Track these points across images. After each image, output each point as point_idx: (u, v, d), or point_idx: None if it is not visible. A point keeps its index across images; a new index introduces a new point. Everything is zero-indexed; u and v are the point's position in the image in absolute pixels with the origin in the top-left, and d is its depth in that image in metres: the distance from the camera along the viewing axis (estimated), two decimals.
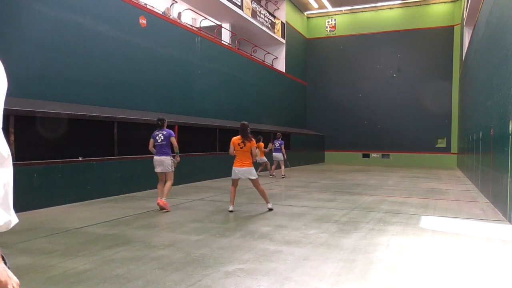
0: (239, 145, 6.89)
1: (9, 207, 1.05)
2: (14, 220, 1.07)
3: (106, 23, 9.94)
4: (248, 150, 6.89)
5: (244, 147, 6.87)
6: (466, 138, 15.15)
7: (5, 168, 1.05)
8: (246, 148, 6.87)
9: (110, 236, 5.11)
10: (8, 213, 1.03)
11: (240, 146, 6.89)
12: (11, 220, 1.05)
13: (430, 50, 22.91)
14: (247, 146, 6.86)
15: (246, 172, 6.94)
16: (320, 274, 3.64)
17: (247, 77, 17.76)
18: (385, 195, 9.21)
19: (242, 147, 6.87)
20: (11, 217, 1.04)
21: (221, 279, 3.49)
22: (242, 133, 6.93)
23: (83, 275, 3.58)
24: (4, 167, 1.05)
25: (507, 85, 6.54)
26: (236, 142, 6.92)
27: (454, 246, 4.73)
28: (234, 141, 6.94)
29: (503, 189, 6.62)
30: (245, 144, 6.86)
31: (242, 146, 6.87)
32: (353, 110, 24.49)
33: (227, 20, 18.42)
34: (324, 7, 24.48)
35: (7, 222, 1.03)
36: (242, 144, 6.87)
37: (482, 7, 10.94)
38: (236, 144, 6.92)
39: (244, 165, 6.93)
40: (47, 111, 7.47)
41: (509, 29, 6.58)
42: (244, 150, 6.89)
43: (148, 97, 11.46)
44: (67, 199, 7.68)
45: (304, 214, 6.73)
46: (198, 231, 5.42)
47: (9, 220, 1.04)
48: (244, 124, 6.95)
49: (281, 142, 13.85)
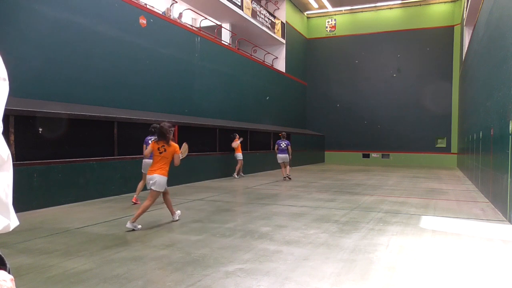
0: (159, 149, 5.88)
1: (8, 210, 1.04)
2: (14, 223, 1.07)
3: (106, 23, 9.93)
4: (169, 157, 5.89)
5: (164, 152, 5.87)
6: (466, 138, 15.15)
7: (5, 171, 1.05)
8: (166, 154, 5.87)
9: (110, 236, 5.11)
10: (7, 217, 1.03)
11: (159, 151, 5.88)
12: (10, 224, 1.05)
13: (430, 50, 22.91)
14: (168, 151, 5.87)
15: (153, 179, 5.79)
16: (320, 274, 3.64)
17: (247, 77, 17.76)
18: (385, 195, 9.21)
19: (162, 152, 5.87)
20: (10, 220, 1.04)
21: (221, 279, 3.49)
22: (161, 136, 5.90)
23: (83, 275, 3.58)
24: (4, 170, 1.04)
25: (507, 85, 6.54)
26: (155, 146, 5.92)
27: (454, 246, 4.73)
28: (154, 145, 5.96)
29: (503, 189, 6.63)
30: (165, 150, 5.86)
31: (162, 151, 5.87)
32: (353, 110, 24.50)
33: (227, 20, 18.42)
34: (324, 7, 24.49)
35: (6, 226, 1.03)
36: (162, 149, 5.87)
37: (482, 7, 10.94)
38: (156, 148, 5.91)
39: (154, 172, 5.80)
40: (47, 111, 7.47)
41: (509, 29, 6.58)
42: (163, 156, 5.87)
43: (148, 97, 11.46)
44: (67, 199, 7.68)
45: (304, 214, 6.73)
46: (198, 231, 5.42)
47: (8, 224, 1.03)
48: (163, 127, 5.91)
49: (288, 142, 13.20)
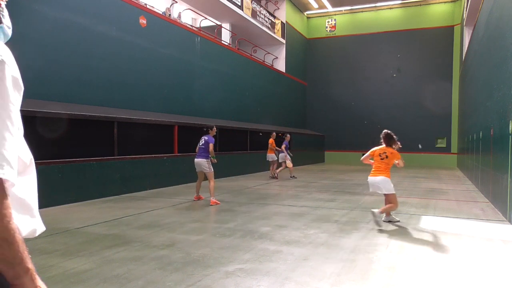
0: (380, 155, 6.08)
1: (33, 214, 1.03)
2: (41, 228, 1.04)
3: (106, 23, 9.93)
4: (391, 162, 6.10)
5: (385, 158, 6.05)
6: (466, 138, 15.15)
7: (27, 175, 1.03)
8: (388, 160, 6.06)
9: (110, 236, 5.11)
10: (32, 221, 1.02)
11: (381, 157, 6.07)
12: (36, 229, 1.03)
13: (430, 50, 22.91)
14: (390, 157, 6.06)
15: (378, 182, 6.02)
16: (320, 274, 3.64)
17: (247, 77, 17.76)
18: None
19: (383, 159, 6.07)
20: (36, 225, 1.02)
21: (221, 279, 3.49)
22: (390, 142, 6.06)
23: (83, 275, 3.58)
24: (26, 174, 1.02)
25: (507, 85, 6.54)
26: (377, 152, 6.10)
27: (454, 246, 4.73)
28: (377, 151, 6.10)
29: (503, 189, 6.62)
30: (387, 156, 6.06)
31: (383, 158, 6.07)
32: (353, 110, 24.50)
33: (227, 20, 18.42)
34: (324, 7, 24.48)
35: (32, 230, 1.02)
36: (383, 155, 6.07)
37: (482, 7, 10.94)
38: (377, 154, 6.10)
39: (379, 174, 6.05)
40: (47, 111, 7.47)
41: (509, 29, 6.58)
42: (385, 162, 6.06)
43: (148, 97, 11.46)
44: (67, 199, 7.67)
45: (304, 214, 6.73)
46: (198, 231, 5.41)
47: (34, 229, 1.02)
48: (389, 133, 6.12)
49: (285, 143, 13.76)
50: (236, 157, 14.46)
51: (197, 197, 8.25)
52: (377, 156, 6.09)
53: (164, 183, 10.49)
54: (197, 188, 8.24)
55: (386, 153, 6.04)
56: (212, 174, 7.86)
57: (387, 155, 6.03)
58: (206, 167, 7.77)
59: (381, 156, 6.05)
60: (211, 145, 7.76)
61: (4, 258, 0.84)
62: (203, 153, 7.82)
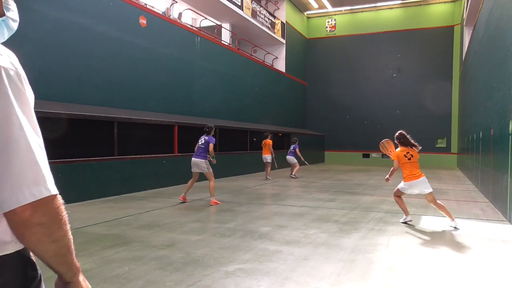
0: (406, 156, 6.00)
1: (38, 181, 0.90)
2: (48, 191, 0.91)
3: (106, 23, 9.93)
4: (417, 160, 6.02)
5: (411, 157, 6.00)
6: (466, 138, 15.15)
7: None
8: (414, 158, 6.00)
9: (110, 236, 5.11)
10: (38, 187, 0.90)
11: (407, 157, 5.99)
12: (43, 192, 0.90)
13: (430, 50, 22.90)
14: (415, 156, 6.03)
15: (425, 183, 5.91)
16: (320, 274, 3.64)
17: (247, 77, 17.76)
18: (385, 195, 9.20)
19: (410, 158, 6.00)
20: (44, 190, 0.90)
21: (221, 279, 3.49)
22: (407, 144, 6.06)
23: (83, 275, 3.57)
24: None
25: (507, 85, 6.54)
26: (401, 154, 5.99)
27: (454, 246, 4.73)
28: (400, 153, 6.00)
29: (503, 189, 6.62)
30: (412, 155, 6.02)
31: (409, 157, 6.01)
32: (353, 110, 24.49)
33: (227, 20, 18.42)
34: (324, 7, 24.48)
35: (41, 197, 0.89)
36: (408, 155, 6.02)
37: (482, 7, 10.94)
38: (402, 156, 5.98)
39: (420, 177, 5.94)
40: (47, 111, 7.47)
41: (509, 29, 6.58)
42: (412, 161, 5.97)
43: (148, 97, 11.46)
44: (67, 199, 7.63)
45: (304, 214, 6.73)
46: (198, 231, 5.41)
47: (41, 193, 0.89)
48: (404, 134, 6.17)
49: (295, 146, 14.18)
50: (236, 157, 14.46)
51: (183, 197, 7.93)
52: (403, 158, 5.94)
53: (164, 183, 10.49)
54: (187, 188, 7.98)
55: (410, 152, 5.97)
56: (212, 174, 7.74)
57: (412, 154, 5.97)
58: (204, 167, 7.65)
59: (407, 156, 5.95)
60: (211, 145, 7.61)
61: (66, 261, 0.99)
62: (202, 153, 7.66)
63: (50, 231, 0.91)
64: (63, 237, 0.94)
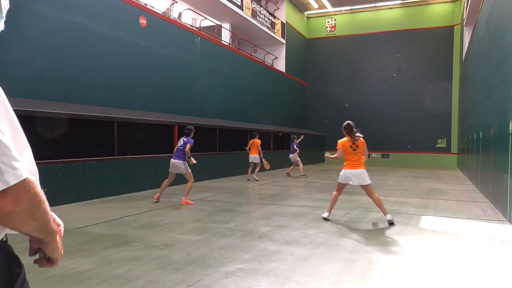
0: (351, 147, 6.14)
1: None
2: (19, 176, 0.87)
3: (106, 23, 9.93)
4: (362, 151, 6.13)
5: (356, 148, 6.14)
6: (466, 138, 15.15)
7: None
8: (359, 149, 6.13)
9: (110, 236, 5.11)
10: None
11: (352, 148, 6.13)
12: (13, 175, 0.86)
13: (430, 50, 22.90)
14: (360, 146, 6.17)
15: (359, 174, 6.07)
16: (320, 274, 3.64)
17: (247, 77, 17.76)
18: (385, 195, 9.21)
19: (355, 149, 6.14)
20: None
21: (221, 279, 3.49)
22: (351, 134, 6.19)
23: (83, 275, 3.58)
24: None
25: (507, 85, 6.54)
26: (347, 144, 6.17)
27: (454, 246, 4.73)
28: (345, 143, 6.20)
29: (503, 189, 6.62)
30: (357, 146, 6.15)
31: (354, 148, 6.14)
32: (353, 110, 24.48)
33: (227, 20, 18.42)
34: (324, 7, 24.48)
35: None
36: (354, 146, 6.15)
37: (482, 7, 10.94)
38: (348, 146, 6.16)
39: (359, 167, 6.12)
40: (47, 111, 7.47)
41: (509, 29, 6.58)
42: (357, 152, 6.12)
43: (148, 97, 11.46)
44: (67, 199, 7.67)
45: (304, 214, 6.73)
46: (198, 231, 5.42)
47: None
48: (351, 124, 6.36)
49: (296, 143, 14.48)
50: (236, 157, 14.45)
51: (158, 196, 7.96)
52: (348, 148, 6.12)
53: None
54: (163, 188, 8.01)
55: (356, 143, 6.13)
56: (191, 175, 7.80)
57: (358, 145, 6.12)
58: (182, 168, 7.71)
59: (352, 147, 6.12)
60: (188, 145, 7.68)
61: (45, 230, 1.01)
62: (181, 154, 7.72)
63: (31, 213, 0.93)
64: (43, 214, 0.96)
